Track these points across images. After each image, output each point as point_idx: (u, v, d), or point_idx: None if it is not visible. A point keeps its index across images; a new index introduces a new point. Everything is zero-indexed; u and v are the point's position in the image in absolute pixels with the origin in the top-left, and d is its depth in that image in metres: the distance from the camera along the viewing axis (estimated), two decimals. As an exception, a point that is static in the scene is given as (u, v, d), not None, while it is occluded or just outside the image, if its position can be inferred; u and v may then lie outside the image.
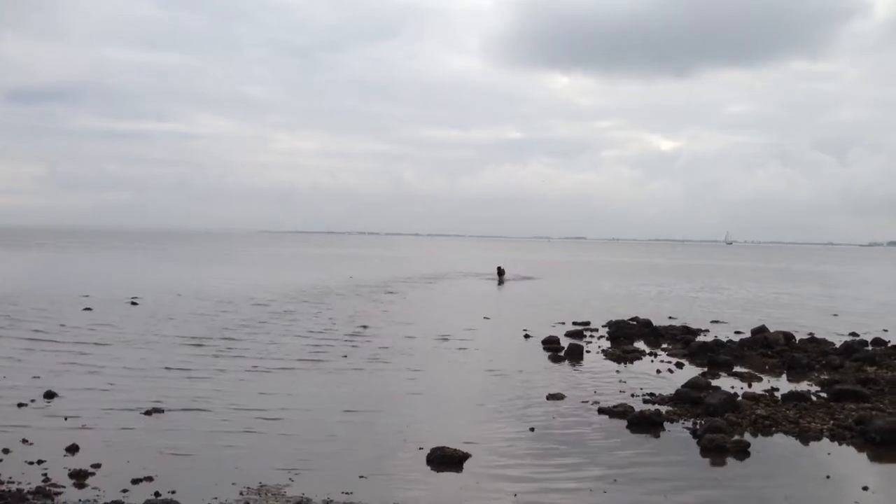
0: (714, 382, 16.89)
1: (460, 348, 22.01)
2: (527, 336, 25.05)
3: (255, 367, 18.21)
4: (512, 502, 9.46)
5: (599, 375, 18.39)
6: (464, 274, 63.43)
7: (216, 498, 9.19)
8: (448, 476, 10.56)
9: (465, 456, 11.13)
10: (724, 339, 23.94)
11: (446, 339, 23.70)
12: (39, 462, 10.33)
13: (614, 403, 14.77)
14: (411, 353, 20.96)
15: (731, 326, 28.96)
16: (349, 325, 26.87)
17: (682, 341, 24.10)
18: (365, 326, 26.41)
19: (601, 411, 14.37)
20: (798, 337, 24.24)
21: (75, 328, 24.01)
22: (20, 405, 13.53)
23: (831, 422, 13.57)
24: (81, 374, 16.68)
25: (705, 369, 19.28)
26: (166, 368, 17.59)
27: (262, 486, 9.72)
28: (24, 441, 11.29)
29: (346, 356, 20.11)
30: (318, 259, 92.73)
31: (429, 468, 10.83)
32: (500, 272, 58.06)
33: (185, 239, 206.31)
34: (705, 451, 11.94)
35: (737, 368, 19.60)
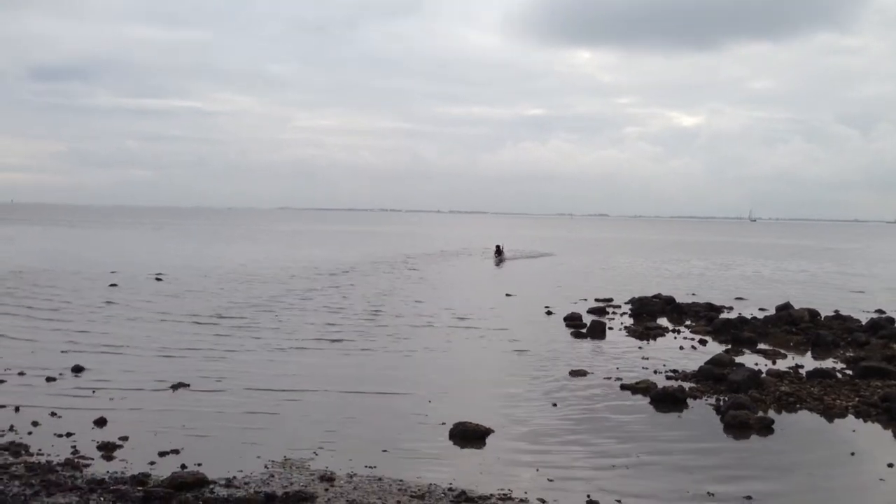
0: (738, 359, 16.80)
1: (482, 325, 22.02)
2: (549, 313, 25.01)
3: (279, 343, 18.34)
4: (533, 477, 9.48)
5: (622, 352, 18.35)
6: (485, 251, 63.33)
7: (241, 471, 9.29)
8: (470, 451, 10.60)
9: (488, 431, 11.16)
10: (748, 316, 23.77)
11: (468, 316, 23.71)
12: (68, 435, 10.48)
13: (637, 380, 14.74)
14: (433, 330, 21.01)
15: (754, 303, 28.75)
16: (371, 301, 26.95)
17: (705, 318, 23.97)
18: (386, 303, 26.48)
19: (624, 388, 14.35)
20: (823, 314, 24.02)
21: (102, 304, 24.29)
22: (49, 379, 13.73)
23: (856, 399, 13.47)
24: (108, 348, 16.88)
25: (729, 346, 19.18)
26: (191, 344, 17.75)
27: (286, 459, 9.81)
28: (53, 414, 11.46)
29: (368, 332, 20.19)
30: (339, 236, 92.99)
31: (451, 443, 10.88)
32: (499, 251, 55.06)
33: (206, 216, 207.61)
34: (729, 427, 11.90)
35: (761, 345, 19.48)
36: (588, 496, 8.79)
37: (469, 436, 11.00)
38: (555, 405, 13.02)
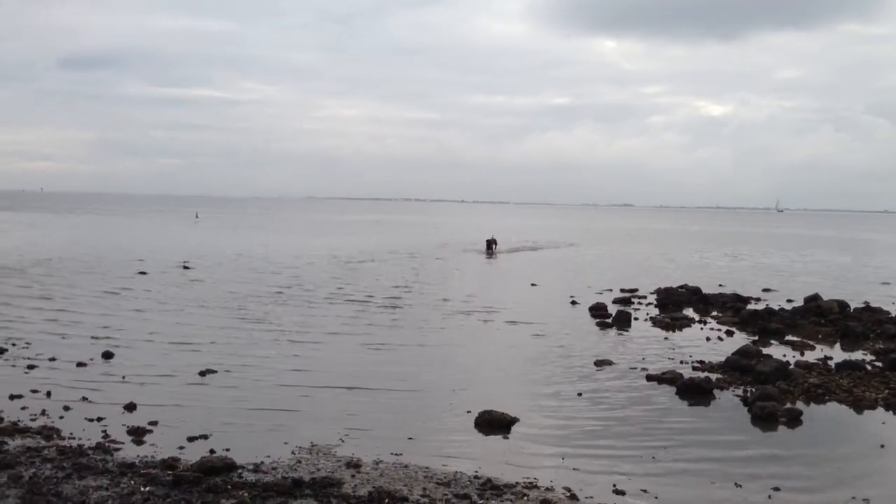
0: (765, 351, 16.66)
1: (507, 314, 22.00)
2: (574, 303, 24.94)
3: (305, 331, 18.46)
4: (559, 466, 9.48)
5: (648, 342, 18.26)
6: (510, 241, 63.23)
7: (269, 456, 9.37)
8: (496, 439, 10.62)
9: (513, 420, 11.17)
10: (776, 308, 23.54)
11: (493, 306, 23.70)
12: (99, 419, 10.63)
13: (663, 370, 14.68)
14: (458, 319, 21.03)
15: (782, 294, 28.47)
16: (394, 291, 27.03)
17: (732, 309, 23.79)
18: (409, 293, 26.54)
19: (650, 378, 14.29)
20: (853, 305, 23.74)
21: (131, 291, 24.56)
22: (80, 364, 13.92)
23: (886, 391, 13.31)
24: (138, 335, 17.07)
25: (756, 337, 19.02)
26: (219, 332, 17.91)
27: (313, 445, 9.88)
28: (84, 399, 11.62)
29: (392, 322, 20.27)
30: (364, 225, 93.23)
31: (477, 431, 10.91)
32: (490, 245, 48.41)
33: (234, 205, 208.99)
34: (756, 418, 11.82)
35: (789, 337, 19.30)
36: (614, 485, 8.78)
37: (495, 424, 11.02)
38: (580, 395, 13.00)
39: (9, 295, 22.69)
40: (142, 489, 8.03)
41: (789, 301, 26.09)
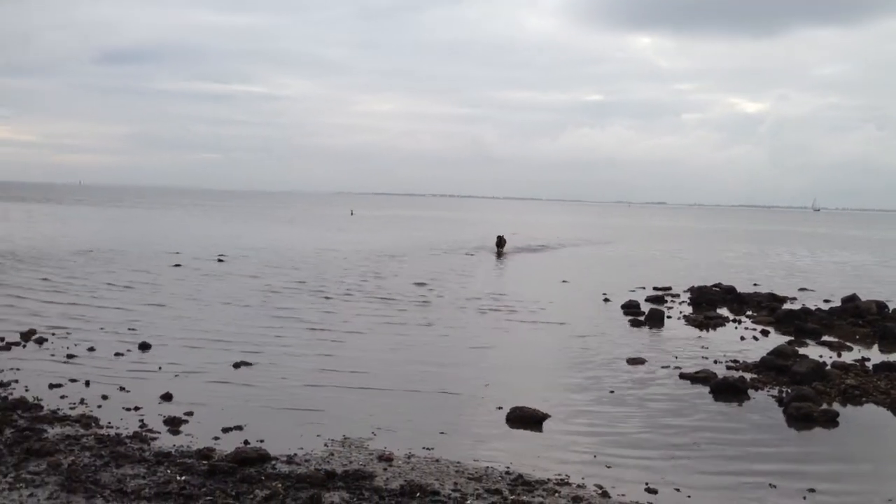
0: (801, 351, 16.45)
1: (538, 311, 21.95)
2: (606, 300, 24.82)
3: (337, 325, 18.58)
4: (591, 463, 9.46)
5: (681, 341, 18.13)
6: (542, 238, 63.04)
7: (302, 448, 9.46)
8: (527, 434, 10.62)
9: (545, 416, 11.16)
10: (813, 308, 23.22)
11: (524, 302, 23.65)
12: (136, 409, 10.80)
13: (696, 369, 14.56)
14: (488, 315, 21.03)
15: (819, 295, 28.08)
16: (425, 286, 27.08)
17: (767, 308, 23.51)
18: (440, 289, 26.57)
19: (683, 377, 14.18)
20: (891, 307, 23.34)
21: (167, 283, 24.90)
22: (117, 354, 14.15)
23: (926, 394, 13.07)
24: (174, 326, 17.31)
25: (792, 337, 18.77)
26: (253, 324, 18.09)
27: (345, 438, 9.96)
28: (122, 389, 11.82)
29: (423, 318, 20.32)
30: (399, 221, 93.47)
31: (508, 427, 10.92)
32: (501, 243, 44.35)
33: (270, 199, 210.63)
34: (791, 419, 11.69)
35: (825, 337, 19.04)
36: (646, 484, 8.74)
37: (526, 420, 11.02)
38: (612, 392, 12.95)
39: (49, 284, 23.12)
40: (178, 478, 8.15)
41: (826, 301, 25.73)
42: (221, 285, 24.92)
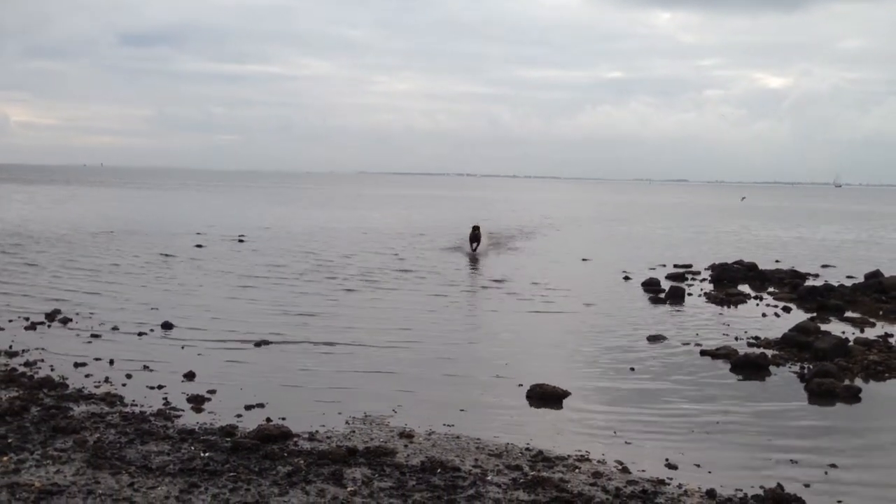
0: (823, 327, 16.31)
1: (558, 288, 21.92)
2: (626, 278, 24.74)
3: (358, 304, 18.68)
4: (611, 439, 9.47)
5: (702, 318, 18.06)
6: (564, 216, 62.88)
7: (323, 425, 9.54)
8: (548, 412, 10.65)
9: (565, 393, 11.17)
10: (835, 284, 23.02)
11: (544, 280, 23.62)
12: (159, 387, 10.93)
13: (717, 346, 14.51)
14: (508, 293, 21.02)
15: (841, 271, 27.84)
16: (446, 265, 27.12)
17: (789, 285, 23.34)
18: (461, 267, 26.60)
19: (703, 353, 14.14)
20: (916, 282, 23.06)
21: (188, 263, 25.11)
22: (140, 334, 14.30)
23: (950, 370, 12.96)
24: (195, 305, 17.46)
25: (814, 314, 18.63)
26: (273, 303, 18.21)
27: (366, 415, 10.03)
28: (145, 367, 11.95)
29: (443, 296, 20.36)
30: (419, 200, 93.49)
31: (528, 404, 10.95)
32: (475, 235, 31.55)
33: (290, 180, 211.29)
34: (813, 395, 11.64)
35: (848, 313, 18.90)
36: (667, 460, 8.74)
37: (546, 397, 11.04)
38: (632, 369, 12.94)
39: (73, 264, 23.37)
40: (202, 455, 8.25)
41: (849, 277, 25.50)
42: (243, 265, 25.08)
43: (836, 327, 16.80)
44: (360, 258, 28.10)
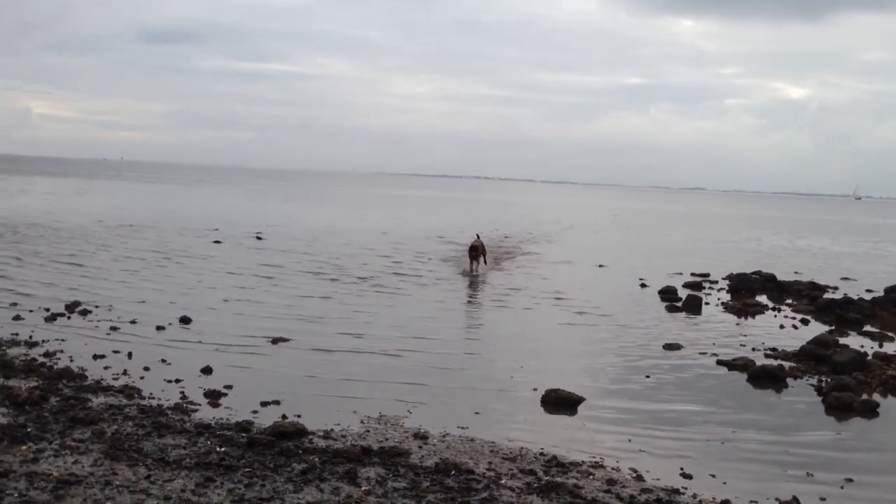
0: (842, 340, 16.21)
1: (574, 295, 21.86)
2: (643, 285, 24.66)
3: (373, 304, 18.71)
4: (625, 446, 9.45)
5: (718, 328, 17.97)
6: (580, 221, 62.76)
7: (339, 424, 9.57)
8: (562, 417, 10.64)
9: (580, 399, 11.16)
10: (855, 297, 22.84)
11: (560, 286, 23.58)
12: (177, 381, 11.00)
13: (734, 356, 14.44)
14: (524, 299, 21.00)
15: (861, 284, 27.62)
16: (460, 269, 27.10)
17: (808, 297, 23.19)
18: (475, 271, 26.58)
19: (720, 363, 14.08)
20: (936, 298, 22.86)
21: (207, 259, 25.25)
22: (158, 328, 14.39)
23: (970, 387, 12.83)
24: (213, 301, 17.56)
25: (832, 327, 18.52)
26: (290, 301, 18.28)
27: (381, 415, 10.05)
28: (163, 361, 12.03)
29: (461, 299, 20.40)
30: (437, 202, 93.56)
31: (543, 409, 10.94)
32: (475, 250, 25.59)
33: (307, 178, 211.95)
34: (830, 408, 11.56)
35: (867, 327, 18.76)
36: (681, 469, 8.71)
37: (561, 403, 11.03)
38: (648, 377, 12.90)
39: (93, 257, 23.56)
40: (218, 449, 8.31)
41: (868, 291, 25.29)
42: (260, 262, 25.19)
43: (854, 341, 16.67)
44: (378, 260, 28.13)
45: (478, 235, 27.67)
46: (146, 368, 11.52)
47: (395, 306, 18.55)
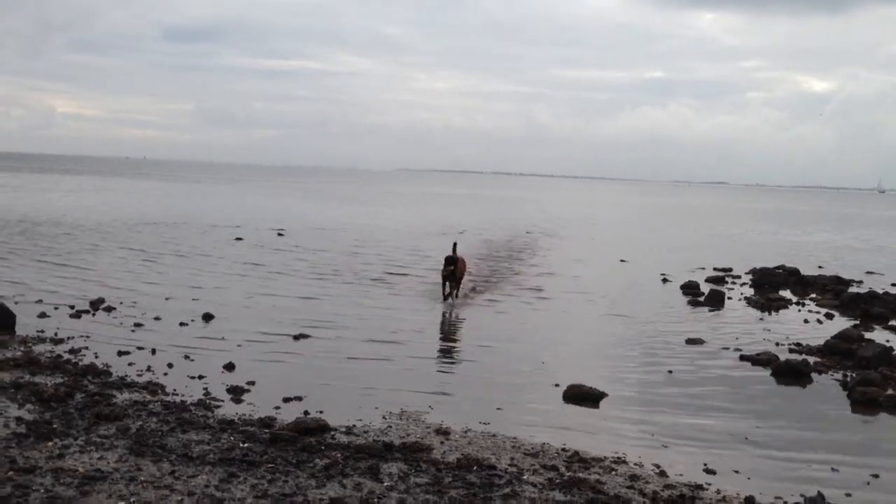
0: (867, 335, 16.03)
1: (596, 289, 21.79)
2: (665, 280, 24.52)
3: (396, 301, 18.76)
4: (648, 442, 9.41)
5: (741, 322, 17.84)
6: (602, 217, 62.50)
7: (360, 420, 9.60)
8: (584, 412, 10.60)
9: (602, 395, 11.12)
10: (880, 291, 22.58)
11: (582, 280, 23.52)
12: (200, 377, 11.08)
13: (758, 351, 14.32)
14: (546, 293, 20.95)
15: (887, 278, 27.30)
16: (483, 264, 27.11)
17: (832, 291, 22.96)
18: (497, 267, 26.58)
19: (743, 358, 13.98)
20: (963, 292, 22.57)
21: (229, 255, 25.40)
22: (182, 324, 14.50)
23: None
24: (236, 298, 17.66)
25: (857, 321, 18.32)
26: (312, 297, 18.35)
27: (403, 411, 10.07)
28: (186, 357, 12.12)
29: (482, 296, 20.35)
30: (459, 199, 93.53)
31: (565, 404, 10.91)
32: (449, 270, 18.61)
33: (330, 175, 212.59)
34: (856, 404, 11.44)
35: (892, 322, 18.52)
36: (705, 464, 8.66)
37: (583, 398, 11.00)
38: (670, 372, 12.83)
39: (117, 254, 23.78)
40: (241, 445, 8.35)
41: (894, 285, 25.02)
42: (282, 258, 25.31)
43: (879, 335, 16.49)
44: (400, 257, 28.18)
45: (455, 245, 20.76)
46: (170, 365, 11.61)
47: (416, 304, 18.56)
